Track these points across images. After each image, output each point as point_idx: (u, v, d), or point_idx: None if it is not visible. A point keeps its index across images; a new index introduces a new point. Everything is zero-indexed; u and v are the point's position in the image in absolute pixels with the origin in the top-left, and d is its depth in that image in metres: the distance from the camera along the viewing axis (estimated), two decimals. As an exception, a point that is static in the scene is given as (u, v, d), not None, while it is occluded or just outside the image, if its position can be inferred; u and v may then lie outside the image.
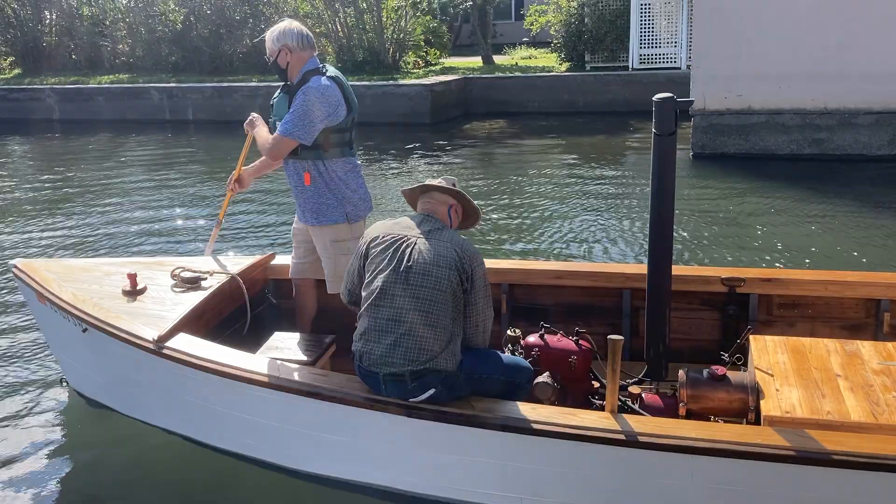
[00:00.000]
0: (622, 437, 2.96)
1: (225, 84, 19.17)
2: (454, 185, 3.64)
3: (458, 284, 3.32)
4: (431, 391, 3.26)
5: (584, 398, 3.65)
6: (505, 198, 10.12)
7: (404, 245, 3.37)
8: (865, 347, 3.48)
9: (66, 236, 8.89)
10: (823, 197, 9.44)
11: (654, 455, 2.95)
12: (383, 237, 3.44)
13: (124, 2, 24.21)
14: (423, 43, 22.35)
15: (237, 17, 22.32)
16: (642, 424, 3.02)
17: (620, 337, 3.00)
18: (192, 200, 10.58)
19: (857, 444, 2.78)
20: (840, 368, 3.31)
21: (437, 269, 3.29)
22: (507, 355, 3.60)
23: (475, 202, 3.69)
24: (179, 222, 9.39)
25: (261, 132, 4.27)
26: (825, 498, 2.87)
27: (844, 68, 11.08)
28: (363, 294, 3.44)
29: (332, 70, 4.20)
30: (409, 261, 3.31)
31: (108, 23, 23.90)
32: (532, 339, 3.74)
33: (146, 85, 19.74)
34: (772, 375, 3.29)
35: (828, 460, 2.75)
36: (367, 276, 3.44)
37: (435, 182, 3.60)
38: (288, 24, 4.21)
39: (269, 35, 4.18)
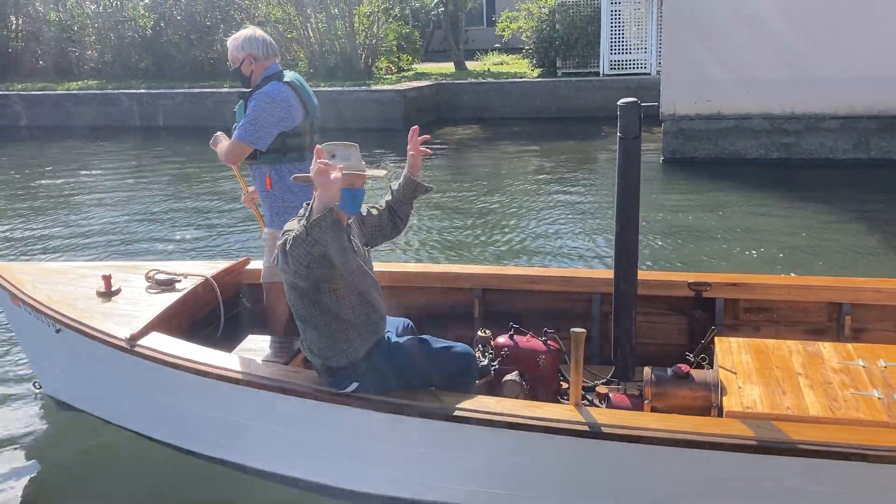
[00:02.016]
0: (585, 428, 3.01)
1: (196, 90, 19.05)
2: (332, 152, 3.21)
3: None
4: (354, 384, 3.33)
5: (553, 398, 3.69)
6: (478, 203, 10.17)
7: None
8: (826, 348, 3.57)
9: (40, 241, 8.82)
10: (790, 201, 9.61)
11: (617, 446, 3.01)
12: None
13: (92, 7, 23.94)
14: (395, 49, 22.38)
15: (208, 23, 22.19)
16: (605, 416, 3.09)
17: (583, 330, 3.05)
18: (164, 206, 10.51)
19: (814, 433, 2.86)
20: (801, 367, 3.40)
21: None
22: (450, 343, 3.54)
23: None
24: (154, 228, 9.32)
25: (221, 145, 4.34)
26: (783, 486, 2.94)
27: (810, 74, 11.29)
28: None
29: (289, 75, 4.25)
30: None
31: (76, 28, 23.65)
32: (502, 339, 3.78)
33: (116, 91, 19.56)
34: (735, 374, 3.37)
35: (785, 449, 2.83)
36: None
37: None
38: (252, 31, 4.24)
39: (233, 42, 4.21)
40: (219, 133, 4.49)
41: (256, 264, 4.81)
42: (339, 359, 3.31)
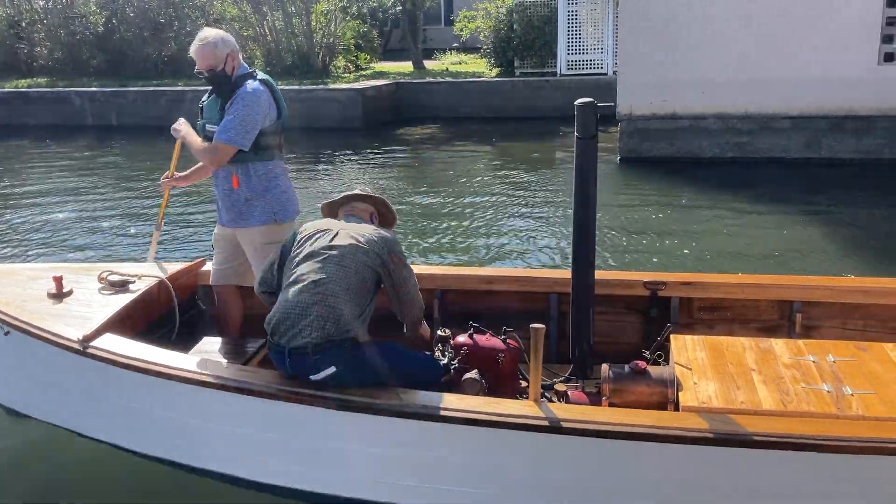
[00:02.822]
0: (546, 423, 3.03)
1: (150, 88, 18.77)
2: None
3: (378, 266, 3.51)
4: (332, 369, 3.31)
5: (512, 396, 3.69)
6: (437, 203, 10.18)
7: (328, 233, 3.57)
8: (778, 345, 3.65)
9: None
10: (744, 200, 9.79)
11: (578, 440, 3.04)
12: (310, 229, 3.65)
13: (42, 3, 23.42)
14: (353, 47, 22.30)
15: (162, 20, 21.87)
16: (565, 412, 3.11)
17: (542, 325, 3.07)
18: (118, 208, 10.33)
19: (768, 426, 2.93)
20: (754, 363, 3.46)
21: (356, 250, 3.47)
22: (421, 354, 3.69)
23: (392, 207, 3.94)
24: (106, 230, 9.15)
25: (193, 139, 4.21)
26: (739, 477, 3.01)
27: (763, 75, 11.52)
28: (284, 275, 3.55)
29: (261, 74, 4.24)
30: (330, 242, 3.49)
31: (24, 24, 23.11)
32: (461, 338, 3.79)
33: (67, 89, 19.18)
34: (690, 370, 3.42)
35: (741, 441, 2.89)
36: (288, 263, 3.57)
37: (354, 192, 3.87)
38: (217, 31, 4.18)
39: (210, 44, 4.06)
40: (182, 121, 4.33)
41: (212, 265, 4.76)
42: (349, 332, 3.34)
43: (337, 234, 3.55)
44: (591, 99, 3.60)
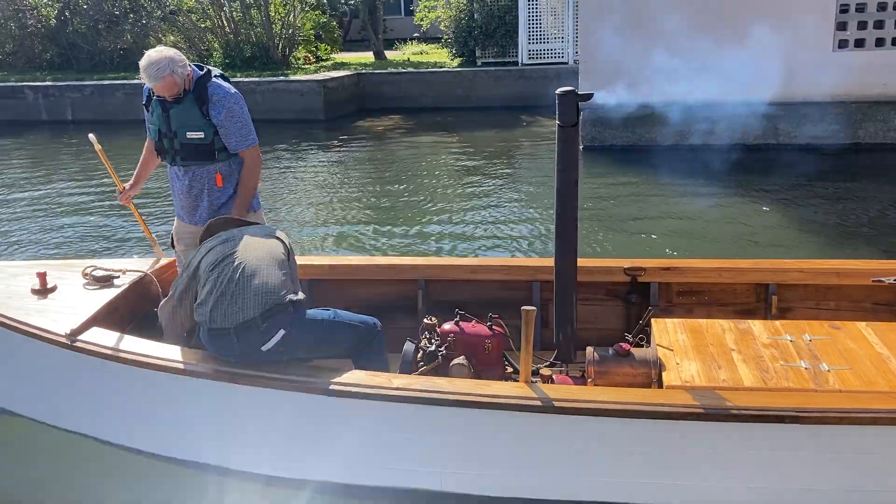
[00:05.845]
0: (537, 403, 3.11)
1: (106, 82, 18.41)
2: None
3: (285, 250, 3.76)
4: (281, 332, 3.43)
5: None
6: (408, 195, 10.19)
7: (236, 231, 3.80)
8: (756, 326, 3.77)
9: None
10: (708, 185, 9.96)
11: (567, 420, 3.13)
12: (212, 240, 3.77)
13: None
14: (313, 38, 22.12)
15: (116, 12, 21.45)
16: (554, 391, 3.21)
17: (533, 307, 3.14)
18: (85, 203, 10.14)
19: (749, 400, 3.06)
20: (734, 344, 3.58)
21: (270, 234, 3.80)
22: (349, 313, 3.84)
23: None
24: (79, 228, 8.97)
25: (243, 197, 4.26)
26: (722, 450, 3.12)
27: (722, 62, 11.67)
28: (202, 279, 3.62)
29: (216, 70, 4.28)
30: (241, 233, 3.75)
31: (-29, 17, 22.51)
32: (447, 326, 3.85)
33: (19, 84, 18.71)
34: (672, 351, 3.52)
35: (724, 415, 3.01)
36: (205, 268, 3.63)
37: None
38: (162, 54, 4.01)
39: (169, 76, 3.96)
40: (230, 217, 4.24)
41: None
42: (293, 293, 3.53)
43: (245, 228, 3.84)
44: (571, 88, 3.67)
